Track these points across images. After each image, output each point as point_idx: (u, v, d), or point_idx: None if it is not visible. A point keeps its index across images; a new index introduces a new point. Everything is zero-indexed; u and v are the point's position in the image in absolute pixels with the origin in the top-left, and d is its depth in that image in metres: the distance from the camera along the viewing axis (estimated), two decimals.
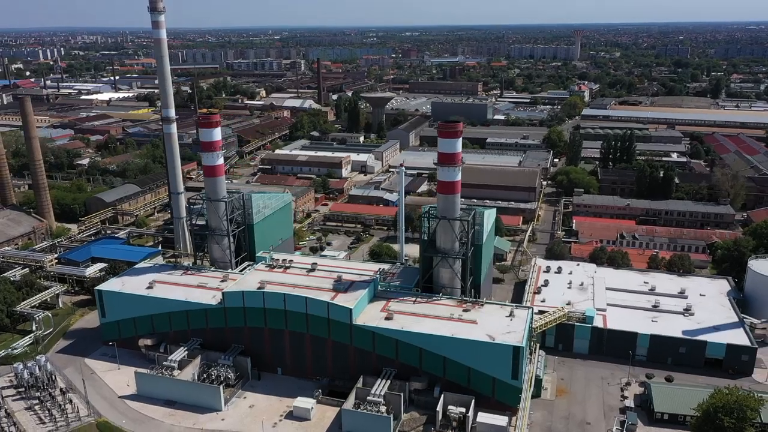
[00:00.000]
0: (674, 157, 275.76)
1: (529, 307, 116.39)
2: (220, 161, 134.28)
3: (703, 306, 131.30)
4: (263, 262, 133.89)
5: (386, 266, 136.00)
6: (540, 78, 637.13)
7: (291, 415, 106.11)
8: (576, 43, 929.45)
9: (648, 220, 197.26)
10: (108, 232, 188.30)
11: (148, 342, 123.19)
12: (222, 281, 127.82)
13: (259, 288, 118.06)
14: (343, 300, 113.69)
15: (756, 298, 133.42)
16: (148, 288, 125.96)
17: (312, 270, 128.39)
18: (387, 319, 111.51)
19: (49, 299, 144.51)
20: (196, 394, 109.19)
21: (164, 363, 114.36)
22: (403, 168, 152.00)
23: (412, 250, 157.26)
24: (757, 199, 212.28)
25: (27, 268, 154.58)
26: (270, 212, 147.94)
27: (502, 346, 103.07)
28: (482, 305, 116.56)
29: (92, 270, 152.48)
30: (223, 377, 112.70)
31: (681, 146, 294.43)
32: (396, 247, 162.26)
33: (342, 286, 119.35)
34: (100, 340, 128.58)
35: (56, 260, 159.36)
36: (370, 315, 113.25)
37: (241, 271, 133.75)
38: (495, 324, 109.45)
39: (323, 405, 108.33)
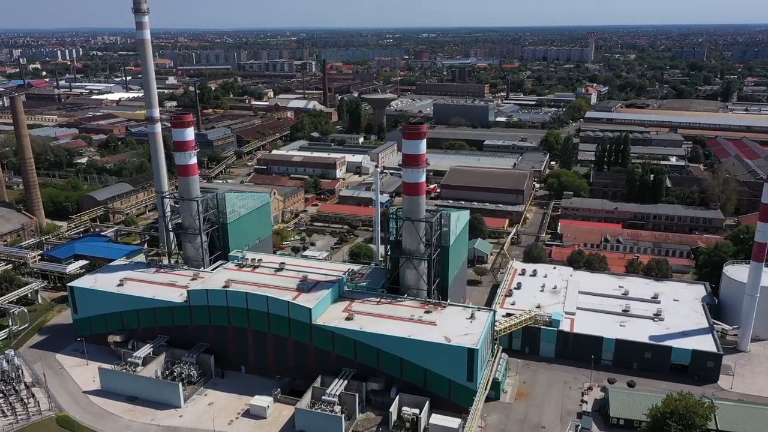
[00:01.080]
0: (673, 160, 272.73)
1: (491, 310, 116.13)
2: (193, 161, 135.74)
3: (674, 311, 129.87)
4: (234, 261, 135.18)
5: (356, 267, 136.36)
6: (550, 80, 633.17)
7: (248, 414, 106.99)
8: (590, 45, 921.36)
9: (636, 224, 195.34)
10: (96, 229, 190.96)
11: (117, 338, 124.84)
12: (192, 279, 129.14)
13: (224, 287, 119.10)
14: (305, 300, 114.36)
15: (730, 304, 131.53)
16: (119, 285, 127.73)
17: (280, 270, 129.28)
18: (347, 319, 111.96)
19: (29, 295, 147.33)
20: (156, 390, 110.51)
21: (129, 359, 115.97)
22: (378, 170, 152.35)
23: None
24: (751, 204, 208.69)
25: (10, 264, 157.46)
26: (246, 212, 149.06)
27: (457, 348, 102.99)
28: (444, 307, 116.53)
29: (73, 267, 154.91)
30: (185, 374, 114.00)
31: (681, 150, 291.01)
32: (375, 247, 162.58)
33: (306, 286, 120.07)
34: (73, 336, 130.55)
35: (39, 257, 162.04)
36: (331, 315, 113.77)
37: (213, 270, 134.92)
38: (454, 326, 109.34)
39: (281, 404, 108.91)
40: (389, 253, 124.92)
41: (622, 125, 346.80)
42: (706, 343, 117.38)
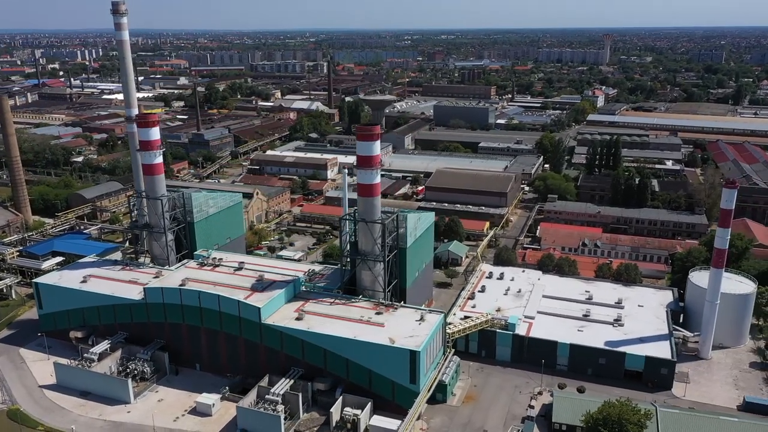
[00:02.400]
0: (669, 164, 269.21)
1: (441, 313, 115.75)
2: (158, 160, 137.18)
3: (636, 317, 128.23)
4: (197, 259, 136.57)
5: (318, 267, 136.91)
6: (561, 82, 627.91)
7: (195, 411, 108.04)
8: (605, 47, 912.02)
9: (618, 228, 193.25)
10: (81, 227, 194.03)
11: (78, 334, 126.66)
12: (155, 277, 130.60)
13: (180, 285, 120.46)
14: (257, 299, 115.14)
15: (694, 310, 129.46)
16: (82, 282, 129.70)
17: (239, 269, 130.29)
18: (297, 319, 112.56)
19: (4, 290, 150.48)
20: (108, 386, 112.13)
21: (85, 355, 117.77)
22: (346, 170, 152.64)
23: None
24: (739, 210, 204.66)
25: None
26: (215, 211, 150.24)
27: (400, 350, 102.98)
28: (396, 309, 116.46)
29: (49, 263, 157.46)
30: (138, 371, 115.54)
31: (678, 153, 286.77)
32: None
33: (260, 285, 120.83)
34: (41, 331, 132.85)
35: (18, 253, 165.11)
36: (282, 315, 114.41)
37: (178, 268, 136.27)
38: (401, 328, 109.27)
39: (229, 402, 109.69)
40: (346, 254, 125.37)
41: (623, 128, 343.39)
42: (661, 350, 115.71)
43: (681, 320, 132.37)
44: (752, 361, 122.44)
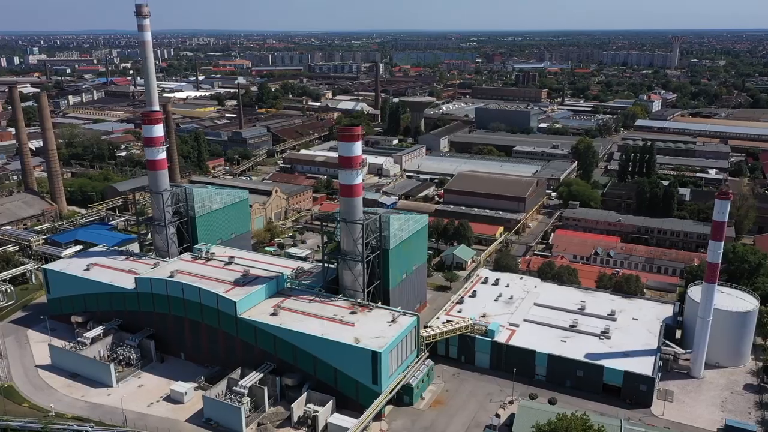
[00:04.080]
0: (712, 173, 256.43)
1: (415, 315, 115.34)
2: (162, 156, 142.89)
3: (627, 330, 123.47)
4: (195, 253, 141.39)
5: (308, 265, 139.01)
6: (620, 86, 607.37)
7: (169, 398, 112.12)
8: (674, 50, 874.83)
9: (639, 238, 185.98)
10: (110, 218, 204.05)
11: (78, 319, 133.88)
12: (152, 268, 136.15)
13: (169, 276, 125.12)
14: (236, 293, 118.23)
15: (691, 326, 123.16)
16: (85, 270, 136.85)
17: (229, 263, 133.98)
18: (272, 315, 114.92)
19: (26, 274, 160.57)
20: (93, 369, 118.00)
21: (78, 339, 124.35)
22: None
23: None
24: None
25: (17, 246, 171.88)
26: (219, 207, 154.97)
27: (363, 350, 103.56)
28: (371, 309, 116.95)
29: (68, 252, 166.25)
30: (124, 357, 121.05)
31: (724, 162, 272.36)
32: None
33: (243, 280, 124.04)
34: (48, 315, 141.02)
35: (44, 240, 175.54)
36: (260, 310, 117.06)
37: (173, 261, 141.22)
38: (371, 328, 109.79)
39: (203, 391, 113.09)
40: (330, 253, 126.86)
41: (671, 134, 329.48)
42: (644, 365, 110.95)
43: (678, 336, 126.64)
44: (747, 383, 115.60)
